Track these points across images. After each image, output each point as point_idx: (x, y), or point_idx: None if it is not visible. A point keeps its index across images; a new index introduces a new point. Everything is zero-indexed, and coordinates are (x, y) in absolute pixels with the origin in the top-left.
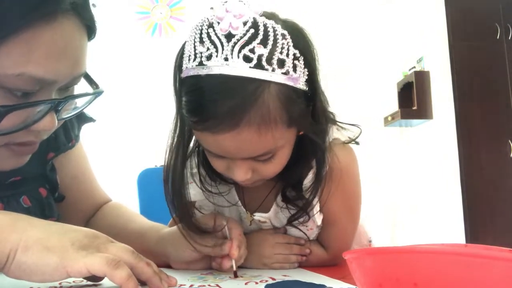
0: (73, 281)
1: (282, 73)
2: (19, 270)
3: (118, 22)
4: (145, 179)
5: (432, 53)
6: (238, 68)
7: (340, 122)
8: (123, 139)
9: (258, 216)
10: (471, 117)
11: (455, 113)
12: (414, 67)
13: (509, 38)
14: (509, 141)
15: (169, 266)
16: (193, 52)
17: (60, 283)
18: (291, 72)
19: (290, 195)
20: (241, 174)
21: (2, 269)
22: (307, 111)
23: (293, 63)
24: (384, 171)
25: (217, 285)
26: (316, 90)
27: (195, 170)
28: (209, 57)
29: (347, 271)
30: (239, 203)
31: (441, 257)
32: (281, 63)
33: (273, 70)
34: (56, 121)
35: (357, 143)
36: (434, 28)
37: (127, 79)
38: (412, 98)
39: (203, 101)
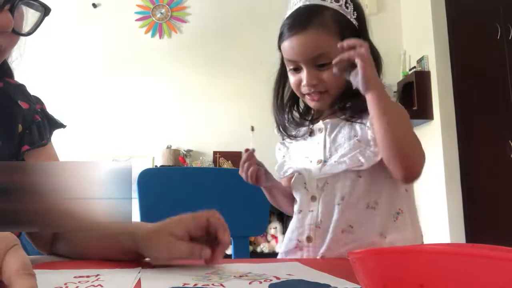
0: (79, 282)
1: (338, 5)
2: None
3: (118, 22)
4: (145, 179)
5: (432, 53)
6: (311, 1)
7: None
8: (123, 139)
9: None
10: (471, 117)
11: (455, 113)
12: (415, 67)
13: (509, 38)
14: (509, 141)
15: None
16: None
17: (65, 284)
18: (343, 7)
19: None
20: (309, 78)
21: None
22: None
23: (345, 2)
24: None
25: (221, 285)
26: (364, 30)
27: (290, 116)
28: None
29: (352, 271)
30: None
31: (448, 257)
32: (337, 0)
33: (331, 2)
34: (12, 20)
35: None
36: (434, 28)
37: (128, 79)
38: (413, 98)
39: (290, 21)
